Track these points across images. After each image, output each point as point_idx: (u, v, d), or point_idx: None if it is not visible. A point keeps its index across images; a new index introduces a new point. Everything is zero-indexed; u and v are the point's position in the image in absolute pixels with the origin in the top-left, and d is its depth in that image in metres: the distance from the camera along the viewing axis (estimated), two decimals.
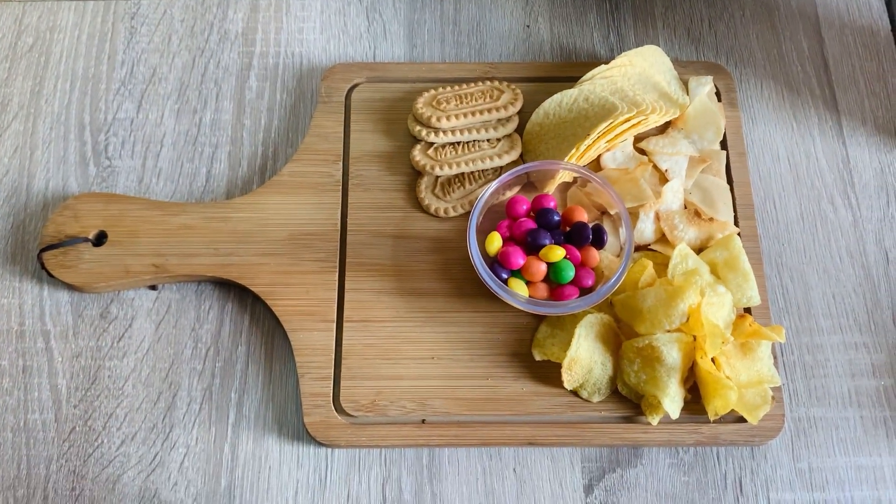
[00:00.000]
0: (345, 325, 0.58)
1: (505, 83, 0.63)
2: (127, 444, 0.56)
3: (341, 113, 0.64)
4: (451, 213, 0.60)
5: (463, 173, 0.61)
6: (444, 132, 0.60)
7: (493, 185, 0.57)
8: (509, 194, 0.60)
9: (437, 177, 0.61)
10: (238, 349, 0.59)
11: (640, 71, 0.62)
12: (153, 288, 0.60)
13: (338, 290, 0.59)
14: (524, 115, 0.63)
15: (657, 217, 0.59)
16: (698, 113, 0.62)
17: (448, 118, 0.60)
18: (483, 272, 0.55)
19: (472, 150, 0.61)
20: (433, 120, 0.60)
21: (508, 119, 0.62)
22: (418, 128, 0.61)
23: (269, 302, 0.58)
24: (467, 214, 0.60)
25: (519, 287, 0.56)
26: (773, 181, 0.64)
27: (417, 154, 0.61)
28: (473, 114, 0.61)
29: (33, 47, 0.68)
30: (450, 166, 0.60)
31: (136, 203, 0.61)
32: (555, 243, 0.56)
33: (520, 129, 0.63)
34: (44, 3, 0.70)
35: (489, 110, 0.61)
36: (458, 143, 0.61)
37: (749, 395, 0.54)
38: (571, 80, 0.63)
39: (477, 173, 0.61)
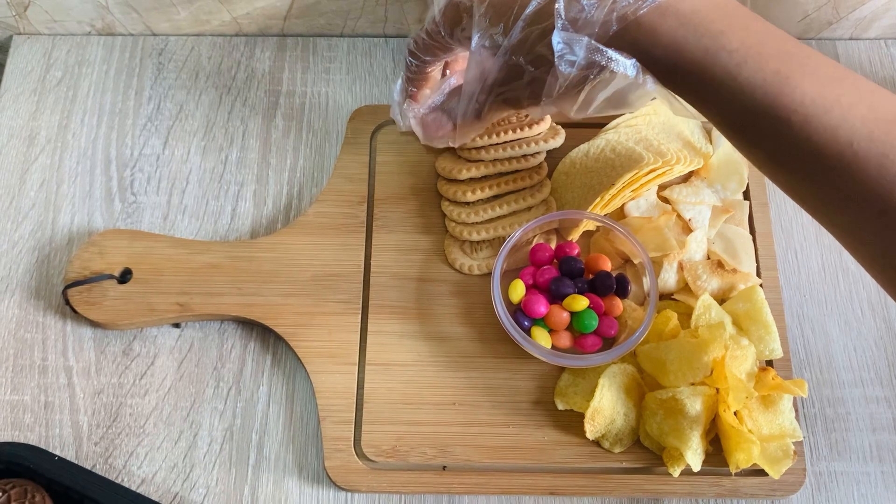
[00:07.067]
0: (367, 367, 0.58)
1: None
2: (147, 483, 0.56)
3: (367, 154, 0.64)
4: (477, 272, 0.60)
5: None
6: (484, 211, 0.61)
7: (517, 233, 0.57)
8: (534, 242, 0.60)
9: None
10: (259, 389, 0.59)
11: (665, 119, 0.63)
12: (176, 326, 0.60)
13: (360, 332, 0.59)
14: (553, 160, 0.63)
15: (680, 267, 0.59)
16: (722, 163, 0.62)
17: (481, 190, 0.61)
18: (507, 322, 0.55)
19: (509, 216, 0.61)
20: (472, 215, 0.61)
21: (542, 185, 0.61)
22: (452, 207, 0.61)
23: (291, 343, 0.58)
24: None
25: (541, 336, 0.56)
26: (795, 231, 0.64)
27: (455, 223, 0.61)
28: (499, 185, 0.61)
29: (62, 81, 0.69)
30: (486, 231, 0.60)
31: (162, 241, 0.61)
32: (578, 292, 0.57)
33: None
34: (73, 38, 0.71)
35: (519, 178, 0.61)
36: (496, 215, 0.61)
37: (771, 448, 0.54)
38: (596, 128, 0.63)
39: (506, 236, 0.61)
